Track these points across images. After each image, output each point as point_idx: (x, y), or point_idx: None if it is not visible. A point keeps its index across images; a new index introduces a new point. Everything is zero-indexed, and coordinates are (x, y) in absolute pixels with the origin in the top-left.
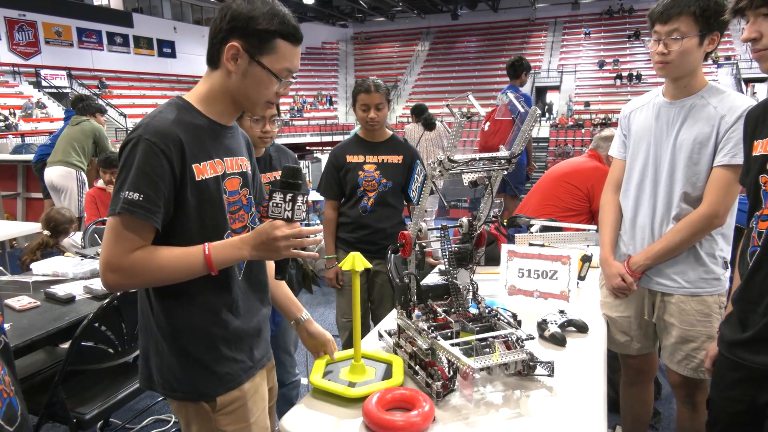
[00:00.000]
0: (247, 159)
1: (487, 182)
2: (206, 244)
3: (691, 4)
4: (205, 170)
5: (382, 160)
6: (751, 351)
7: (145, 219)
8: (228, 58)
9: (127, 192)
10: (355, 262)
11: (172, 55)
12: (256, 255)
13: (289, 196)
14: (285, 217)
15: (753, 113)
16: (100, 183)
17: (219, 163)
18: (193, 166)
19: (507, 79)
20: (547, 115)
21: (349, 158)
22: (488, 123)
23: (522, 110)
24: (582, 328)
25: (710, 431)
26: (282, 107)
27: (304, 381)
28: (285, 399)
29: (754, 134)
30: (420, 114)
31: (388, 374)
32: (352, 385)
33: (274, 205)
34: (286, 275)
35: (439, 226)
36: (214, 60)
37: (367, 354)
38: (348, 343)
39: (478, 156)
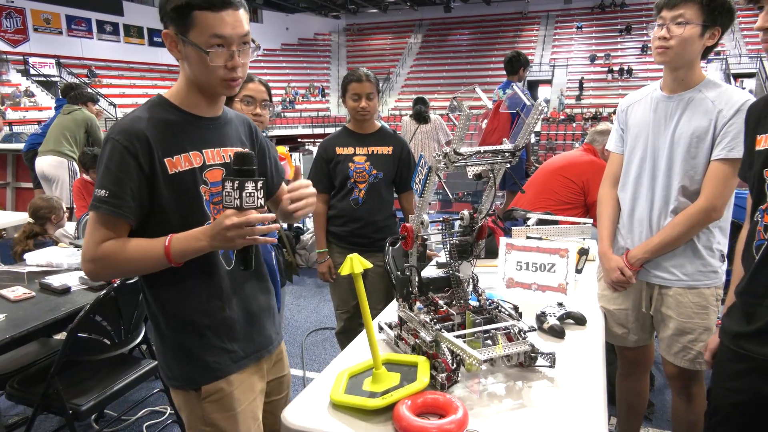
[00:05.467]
0: (240, 148)
1: (490, 175)
2: (170, 235)
3: None
4: (178, 163)
5: (372, 151)
6: (757, 343)
7: (109, 213)
8: (170, 49)
9: (97, 190)
10: (354, 264)
11: (163, 44)
12: (216, 245)
13: (236, 184)
14: (235, 205)
15: (755, 108)
16: (86, 176)
17: (196, 155)
18: (165, 160)
19: (499, 71)
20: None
21: (339, 150)
22: (485, 120)
23: (528, 103)
24: (580, 320)
25: (710, 421)
26: (274, 99)
27: (296, 373)
28: None
29: (757, 129)
30: (414, 106)
31: (412, 377)
32: (373, 395)
33: (226, 194)
34: (249, 265)
35: (440, 219)
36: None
37: (391, 358)
38: (343, 330)
39: (483, 149)
